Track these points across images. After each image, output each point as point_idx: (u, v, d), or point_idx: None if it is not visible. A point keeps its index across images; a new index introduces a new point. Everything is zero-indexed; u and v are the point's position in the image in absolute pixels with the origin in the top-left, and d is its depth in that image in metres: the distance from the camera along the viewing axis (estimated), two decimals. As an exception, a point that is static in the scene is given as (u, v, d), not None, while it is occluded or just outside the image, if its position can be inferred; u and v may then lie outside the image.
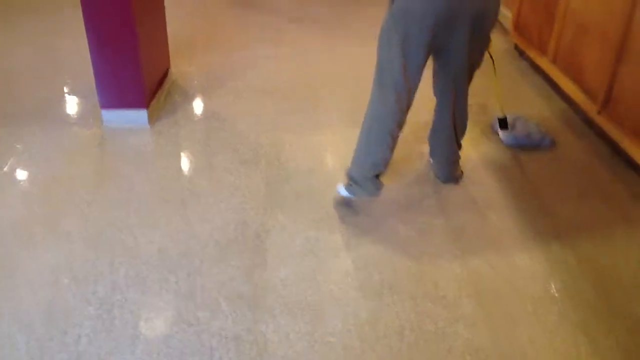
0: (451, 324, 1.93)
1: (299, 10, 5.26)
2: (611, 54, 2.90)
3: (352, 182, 2.43)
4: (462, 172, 2.73)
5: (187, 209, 2.48)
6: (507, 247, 2.29)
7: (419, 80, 2.26)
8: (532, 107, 3.46)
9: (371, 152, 2.37)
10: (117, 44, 2.91)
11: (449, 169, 2.69)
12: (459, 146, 2.67)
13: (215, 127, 3.16)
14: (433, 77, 2.47)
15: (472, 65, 2.36)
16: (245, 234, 2.34)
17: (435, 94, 2.52)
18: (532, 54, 3.90)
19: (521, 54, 4.17)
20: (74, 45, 4.17)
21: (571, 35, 3.36)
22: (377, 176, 2.42)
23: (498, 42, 4.48)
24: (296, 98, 3.52)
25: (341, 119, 3.25)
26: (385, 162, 2.39)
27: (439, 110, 2.56)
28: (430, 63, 2.32)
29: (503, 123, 3.04)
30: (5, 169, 2.73)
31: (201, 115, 3.34)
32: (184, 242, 2.29)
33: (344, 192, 2.49)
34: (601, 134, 3.06)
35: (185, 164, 2.86)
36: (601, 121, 2.99)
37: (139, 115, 3.10)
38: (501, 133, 3.04)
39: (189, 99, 3.50)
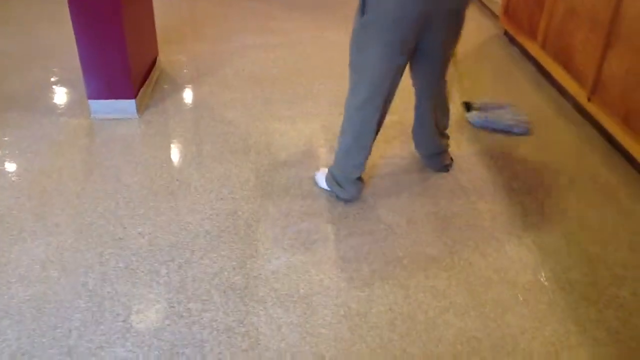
0: (442, 314, 1.94)
1: (288, -3, 5.23)
2: (600, 38, 2.90)
3: (335, 181, 2.45)
4: (452, 159, 2.72)
5: (177, 199, 2.47)
6: (497, 236, 2.30)
7: (398, 82, 2.24)
8: (522, 94, 3.46)
9: (352, 157, 2.38)
10: (103, 33, 2.87)
11: (437, 159, 2.68)
12: (446, 137, 2.67)
13: (204, 117, 3.14)
14: (411, 75, 2.42)
15: (448, 59, 2.36)
16: (236, 224, 2.33)
17: (415, 90, 2.49)
18: (522, 39, 3.90)
19: (511, 40, 4.17)
20: (60, 32, 4.13)
21: (560, 19, 3.35)
22: (359, 177, 2.44)
23: (488, 28, 4.47)
24: (286, 87, 3.50)
25: (331, 107, 3.24)
26: (365, 164, 2.41)
27: (419, 105, 2.53)
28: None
29: (467, 106, 3.15)
30: (-8, 160, 2.71)
31: (190, 104, 3.32)
32: (174, 233, 2.28)
33: (322, 184, 2.52)
34: (591, 121, 3.07)
35: (174, 154, 2.84)
36: (591, 108, 3.00)
37: (127, 105, 3.07)
38: (468, 115, 3.10)
39: (178, 88, 3.47)
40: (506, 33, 4.25)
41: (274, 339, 1.83)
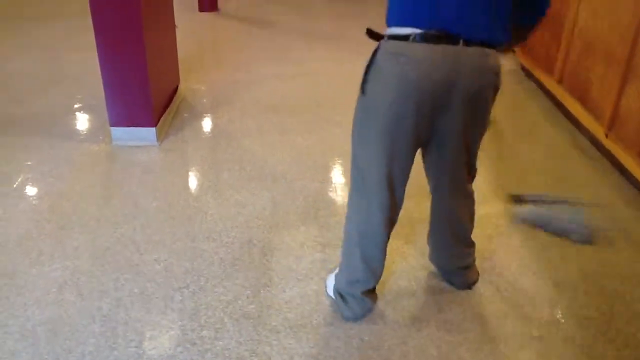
0: (455, 349, 1.92)
1: (306, 27, 5.31)
2: (618, 74, 2.91)
3: (338, 293, 2.05)
4: (478, 274, 2.24)
5: (193, 226, 2.49)
6: (513, 270, 2.28)
7: (407, 179, 1.83)
8: (539, 130, 3.47)
9: (358, 270, 1.95)
10: (126, 62, 2.94)
11: (460, 275, 2.20)
12: (470, 245, 2.15)
13: (222, 145, 3.18)
14: (426, 174, 1.98)
15: (471, 156, 1.88)
16: (251, 252, 2.34)
17: (430, 191, 2.03)
18: (538, 74, 3.91)
19: (528, 74, 4.19)
20: (85, 59, 4.22)
21: (578, 55, 3.37)
22: (369, 291, 2.03)
23: (505, 63, 4.50)
24: (303, 117, 3.54)
25: (349, 138, 3.25)
26: (378, 276, 2.00)
27: (434, 208, 2.08)
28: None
29: (517, 200, 2.68)
30: (14, 185, 2.75)
31: (209, 132, 3.36)
32: (189, 259, 2.29)
33: (330, 292, 2.12)
34: (608, 156, 3.06)
35: (192, 181, 2.88)
36: (608, 143, 2.99)
37: (148, 133, 3.12)
38: (517, 211, 2.63)
39: (197, 116, 3.52)
40: (523, 68, 4.27)
41: (286, 369, 1.83)
